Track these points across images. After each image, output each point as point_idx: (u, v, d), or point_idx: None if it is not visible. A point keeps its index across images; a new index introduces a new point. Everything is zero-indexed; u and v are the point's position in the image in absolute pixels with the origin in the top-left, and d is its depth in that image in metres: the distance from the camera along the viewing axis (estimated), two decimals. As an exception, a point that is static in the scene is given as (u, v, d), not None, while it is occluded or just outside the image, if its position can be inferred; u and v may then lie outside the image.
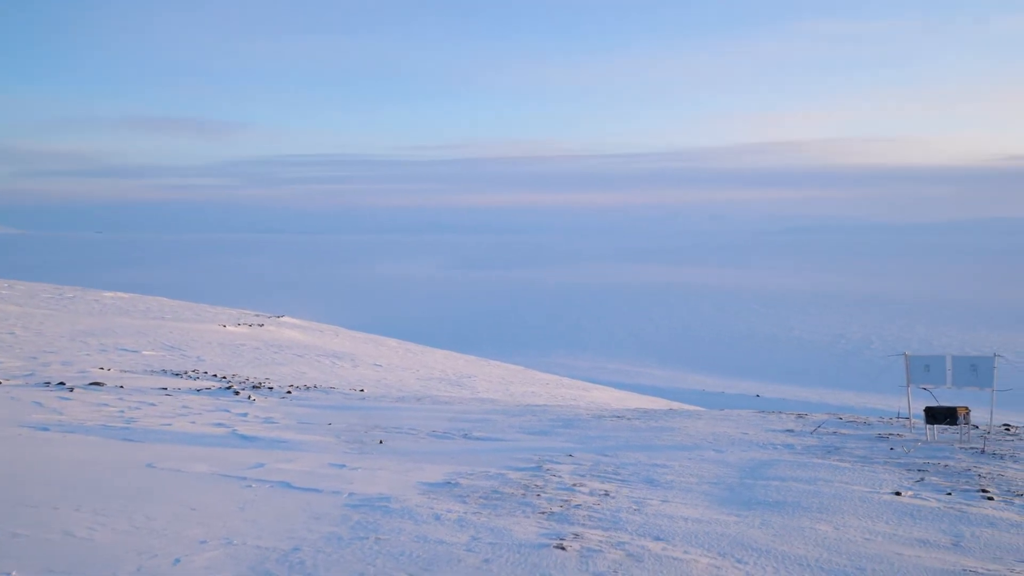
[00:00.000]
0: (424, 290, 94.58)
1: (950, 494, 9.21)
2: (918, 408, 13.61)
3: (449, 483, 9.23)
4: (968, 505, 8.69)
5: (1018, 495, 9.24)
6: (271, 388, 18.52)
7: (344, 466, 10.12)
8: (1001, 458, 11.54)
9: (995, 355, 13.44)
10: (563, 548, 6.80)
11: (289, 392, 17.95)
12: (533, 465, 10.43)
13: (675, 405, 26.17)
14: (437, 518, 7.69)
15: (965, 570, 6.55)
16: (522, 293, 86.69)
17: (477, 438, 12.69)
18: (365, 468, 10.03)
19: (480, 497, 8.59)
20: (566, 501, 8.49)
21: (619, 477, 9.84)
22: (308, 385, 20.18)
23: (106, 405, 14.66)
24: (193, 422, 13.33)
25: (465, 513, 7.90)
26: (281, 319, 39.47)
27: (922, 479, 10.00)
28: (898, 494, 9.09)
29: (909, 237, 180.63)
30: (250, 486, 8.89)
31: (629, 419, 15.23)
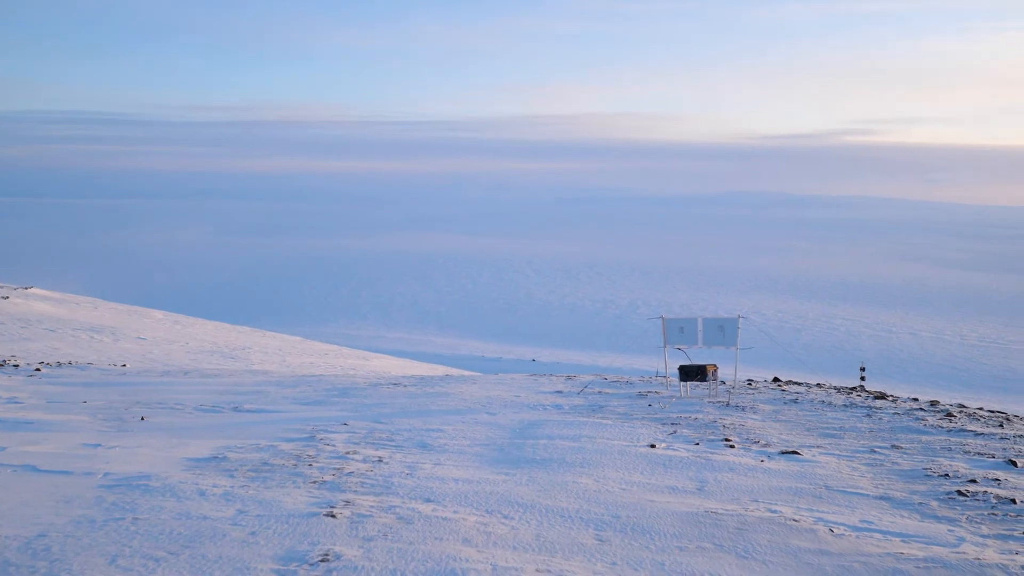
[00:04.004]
0: (194, 258, 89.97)
1: (698, 444, 10.02)
2: (674, 367, 14.67)
3: (216, 457, 8.91)
4: (713, 453, 9.49)
5: (755, 442, 10.20)
6: (16, 366, 17.03)
7: (100, 445, 9.50)
8: (743, 410, 12.68)
9: (739, 316, 14.72)
10: (333, 516, 6.77)
11: (38, 370, 16.58)
12: (306, 435, 10.27)
13: (454, 371, 26.61)
14: (202, 494, 7.41)
15: (707, 511, 7.16)
16: (300, 262, 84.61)
17: (248, 411, 12.32)
18: (124, 447, 9.47)
19: (249, 470, 8.37)
20: (339, 469, 8.44)
21: (393, 443, 9.90)
22: (61, 361, 18.73)
23: None
24: (-79, 405, 12.01)
25: (232, 487, 7.67)
26: (29, 291, 36.24)
27: (675, 432, 10.80)
28: (653, 447, 9.78)
29: (673, 209, 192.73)
30: (-11, 472, 8.14)
31: (406, 386, 15.34)
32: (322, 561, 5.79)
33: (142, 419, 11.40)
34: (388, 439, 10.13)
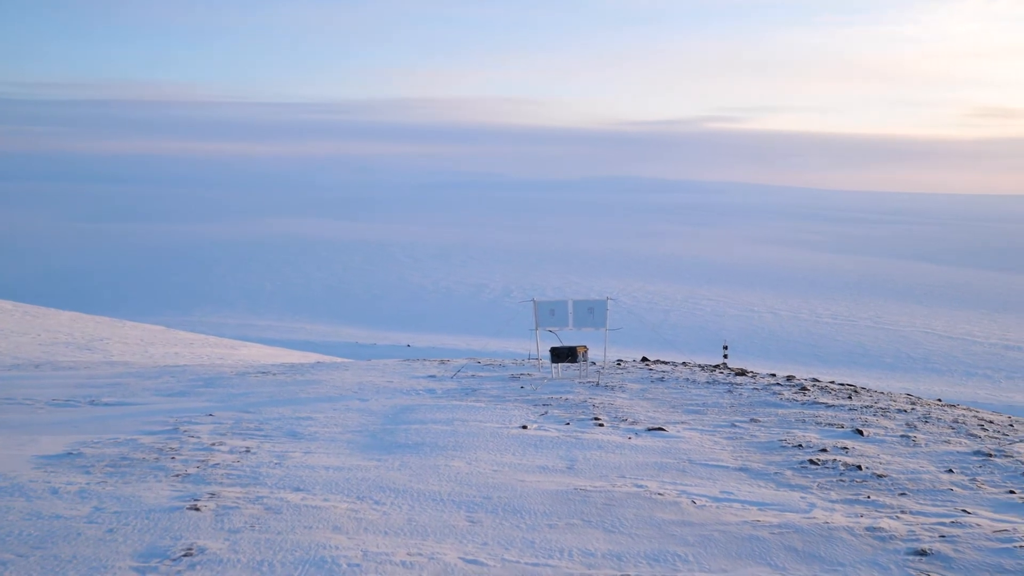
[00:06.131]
0: (45, 245, 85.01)
1: (568, 424, 10.21)
2: (546, 349, 14.89)
3: (71, 454, 8.48)
4: (583, 432, 9.70)
5: (623, 420, 10.48)
6: None
7: (-61, 445, 8.88)
8: (612, 389, 12.99)
9: (608, 298, 15.05)
10: (197, 509, 6.56)
11: None
12: (169, 428, 9.90)
13: (326, 359, 26.17)
14: (54, 492, 7.04)
15: (576, 489, 7.32)
16: (162, 248, 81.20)
17: (106, 404, 11.77)
18: (-33, 446, 8.88)
19: (107, 465, 8.00)
20: (203, 461, 8.18)
21: (262, 433, 9.67)
22: None
23: None
24: None
25: (88, 484, 7.32)
26: None
27: (546, 413, 10.97)
28: (525, 428, 9.91)
29: (543, 193, 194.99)
30: None
31: (275, 374, 14.99)
32: (185, 556, 5.61)
33: (-12, 416, 10.72)
34: (256, 429, 9.89)
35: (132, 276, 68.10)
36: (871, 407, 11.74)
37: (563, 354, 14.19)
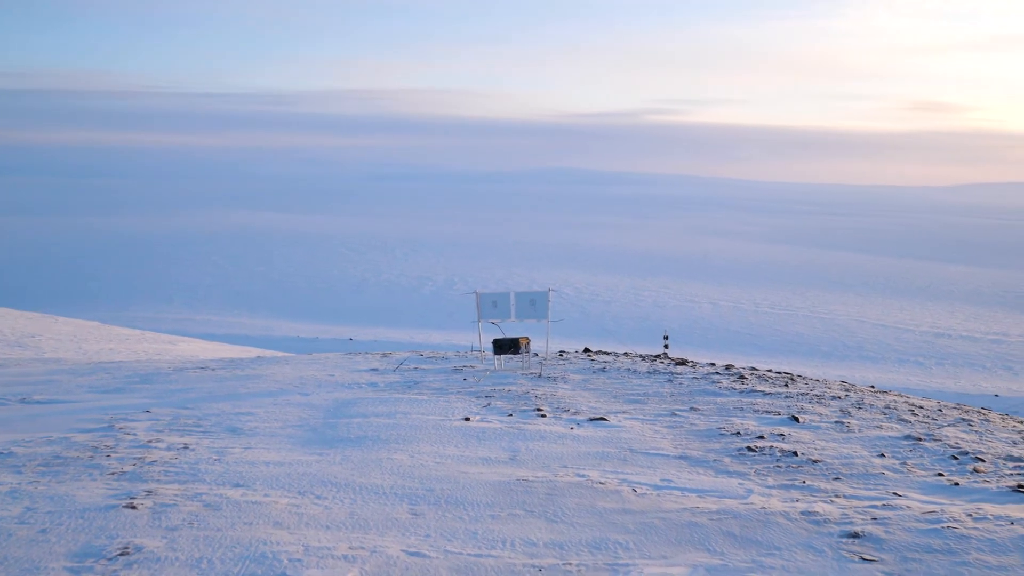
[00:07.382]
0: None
1: (511, 415, 10.25)
2: (489, 341, 14.91)
3: (1, 453, 8.25)
4: (525, 423, 9.74)
5: (565, 411, 10.56)
6: None
7: None
8: (554, 380, 13.08)
9: (550, 290, 15.15)
10: (134, 507, 6.44)
11: None
12: (104, 425, 9.68)
13: (266, 353, 25.84)
14: (-17, 493, 6.84)
15: (519, 480, 7.36)
16: (92, 242, 79.16)
17: (38, 402, 11.46)
18: None
19: (39, 465, 7.80)
20: (140, 459, 8.02)
21: (200, 429, 9.52)
22: None
23: None
24: None
25: (20, 484, 7.13)
26: None
27: (489, 404, 11.00)
28: (467, 420, 9.92)
29: (486, 185, 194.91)
30: None
31: (214, 369, 14.76)
32: (121, 555, 5.50)
33: (-88, 416, 10.36)
34: (195, 425, 9.73)
35: (64, 270, 66.31)
36: (807, 394, 12.01)
37: (505, 346, 14.23)
